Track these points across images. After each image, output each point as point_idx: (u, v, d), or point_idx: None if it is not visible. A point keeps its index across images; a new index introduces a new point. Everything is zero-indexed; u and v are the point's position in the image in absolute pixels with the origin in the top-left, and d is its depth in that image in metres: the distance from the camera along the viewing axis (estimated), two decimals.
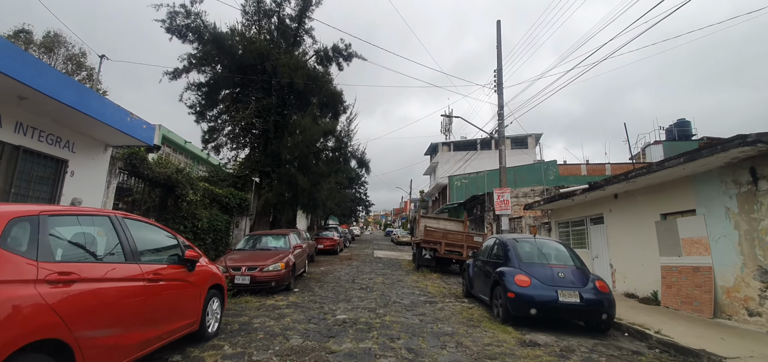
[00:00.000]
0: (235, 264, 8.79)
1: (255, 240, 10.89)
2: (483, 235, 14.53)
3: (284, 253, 9.73)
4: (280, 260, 9.13)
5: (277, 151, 19.58)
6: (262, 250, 10.13)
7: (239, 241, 10.95)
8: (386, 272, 14.41)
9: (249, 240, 10.89)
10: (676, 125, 32.71)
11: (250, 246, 10.50)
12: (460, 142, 42.64)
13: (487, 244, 8.89)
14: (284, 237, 10.86)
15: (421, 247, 14.80)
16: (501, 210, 13.98)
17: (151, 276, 3.77)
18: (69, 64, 35.32)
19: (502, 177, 14.36)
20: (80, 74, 36.60)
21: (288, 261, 9.36)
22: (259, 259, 9.10)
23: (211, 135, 20.42)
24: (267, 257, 9.22)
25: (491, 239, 8.82)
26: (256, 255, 9.46)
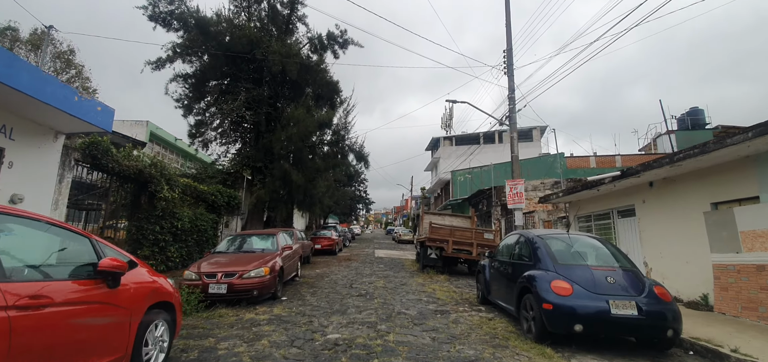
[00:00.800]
0: (210, 270, 7.45)
1: (238, 241, 9.55)
2: (494, 231, 13.21)
3: (270, 256, 8.39)
4: (264, 264, 7.79)
5: (269, 145, 18.24)
6: (245, 253, 8.79)
7: (220, 243, 9.61)
8: (388, 274, 13.08)
9: (231, 241, 9.54)
10: (689, 114, 31.32)
11: (232, 248, 9.16)
12: (462, 135, 41.29)
13: (507, 242, 7.56)
14: (272, 238, 9.52)
15: (426, 246, 13.47)
16: (514, 204, 12.64)
17: (27, 302, 2.42)
18: (57, 62, 33.96)
19: (514, 167, 13.01)
20: (69, 72, 35.28)
21: (274, 265, 8.02)
22: (239, 264, 7.76)
23: (198, 129, 19.06)
24: (249, 261, 7.88)
25: (512, 235, 7.47)
26: (237, 259, 8.12)
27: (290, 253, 9.83)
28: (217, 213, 15.33)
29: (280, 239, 9.55)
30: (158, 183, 10.31)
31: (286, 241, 10.21)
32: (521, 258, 6.42)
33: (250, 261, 7.90)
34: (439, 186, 40.31)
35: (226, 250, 9.02)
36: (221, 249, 9.06)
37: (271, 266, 7.90)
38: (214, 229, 14.46)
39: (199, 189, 13.83)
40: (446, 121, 55.21)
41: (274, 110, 19.81)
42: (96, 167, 8.95)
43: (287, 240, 10.34)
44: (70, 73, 34.45)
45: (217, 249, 9.15)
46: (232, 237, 9.80)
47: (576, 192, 10.85)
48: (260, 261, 7.90)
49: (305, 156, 18.75)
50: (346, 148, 20.31)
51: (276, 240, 9.36)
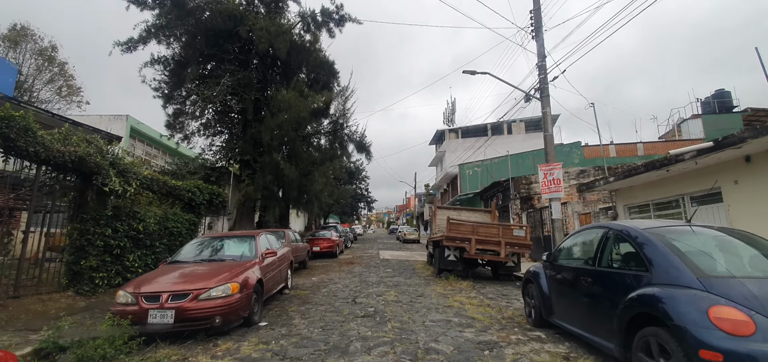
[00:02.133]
0: (153, 289, 5.22)
1: (207, 246, 7.31)
2: (525, 227, 10.97)
3: (243, 266, 6.15)
4: (232, 278, 5.56)
5: (258, 135, 16.01)
6: (212, 262, 6.55)
7: (182, 248, 7.36)
8: (398, 281, 10.85)
9: (198, 246, 7.30)
10: (715, 96, 29.02)
11: (197, 255, 6.92)
12: (468, 127, 39.03)
13: (580, 240, 5.32)
14: (250, 241, 7.29)
15: (443, 246, 11.22)
16: (550, 192, 10.41)
17: None
18: (39, 58, 31.67)
19: (548, 149, 10.77)
20: (52, 70, 32.99)
21: (247, 279, 5.79)
22: (197, 279, 5.52)
23: (176, 119, 16.83)
24: (212, 274, 5.65)
25: (589, 230, 5.22)
26: (197, 272, 5.88)
27: (275, 261, 7.58)
28: (195, 212, 13.10)
29: (260, 242, 7.30)
30: (105, 175, 8.08)
31: (270, 245, 7.96)
32: (618, 262, 4.18)
33: (213, 274, 5.66)
34: (446, 181, 38.05)
35: (188, 259, 6.77)
36: (182, 258, 6.82)
37: (243, 281, 5.66)
38: (192, 232, 12.23)
39: (170, 185, 11.59)
40: (449, 116, 53.02)
41: (263, 96, 17.58)
42: (10, 151, 6.72)
43: (272, 244, 8.10)
44: (52, 71, 32.33)
45: (177, 257, 6.91)
46: (200, 241, 7.55)
47: (635, 175, 8.58)
48: (228, 274, 5.66)
49: (299, 147, 16.53)
50: (345, 138, 18.08)
51: (255, 244, 7.12)
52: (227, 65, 16.13)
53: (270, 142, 15.83)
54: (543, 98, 10.93)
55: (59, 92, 32.36)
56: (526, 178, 18.91)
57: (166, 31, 16.13)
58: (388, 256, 19.49)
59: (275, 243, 8.61)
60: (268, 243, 7.87)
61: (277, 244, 8.81)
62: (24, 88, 29.42)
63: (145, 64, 16.62)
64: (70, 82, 34.56)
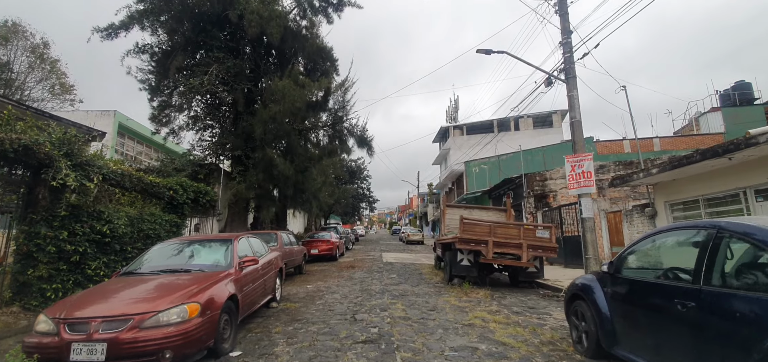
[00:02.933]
0: (81, 314, 3.89)
1: (172, 252, 5.98)
2: (550, 228, 9.60)
3: (210, 280, 4.82)
4: (190, 297, 4.22)
5: (250, 128, 14.71)
6: (173, 273, 5.22)
7: (141, 255, 6.01)
8: (405, 289, 9.49)
9: (161, 252, 5.97)
10: (735, 88, 27.54)
11: (156, 264, 5.57)
12: (474, 124, 37.64)
13: (668, 243, 3.97)
14: (225, 247, 5.95)
15: (456, 250, 9.88)
16: (580, 187, 9.04)
17: None
18: (31, 56, 30.42)
19: (576, 136, 9.39)
20: (44, 68, 31.75)
21: (211, 298, 4.45)
22: (144, 298, 4.20)
23: (162, 111, 15.55)
24: (164, 292, 4.32)
25: (684, 229, 3.90)
26: (147, 290, 4.55)
27: (257, 270, 6.24)
28: (178, 213, 11.79)
29: (239, 248, 5.96)
30: (56, 167, 6.77)
31: (253, 250, 6.62)
32: (751, 284, 2.82)
33: (167, 291, 4.33)
34: (450, 180, 36.66)
35: (146, 269, 5.44)
36: (139, 268, 5.48)
37: (207, 300, 4.33)
38: (174, 235, 10.91)
39: (146, 181, 10.27)
40: (452, 114, 51.71)
41: (255, 87, 16.27)
42: None
43: (255, 249, 6.75)
44: (44, 69, 31.12)
45: (133, 266, 5.57)
46: (165, 246, 6.21)
47: (688, 164, 7.17)
48: (186, 291, 4.33)
49: (295, 141, 15.22)
50: (344, 132, 16.74)
51: (231, 251, 5.78)
52: (216, 53, 14.84)
53: (263, 135, 14.52)
54: (569, 80, 9.56)
55: (52, 90, 31.28)
56: (541, 175, 17.54)
57: (149, 16, 14.86)
58: (391, 259, 18.14)
59: (260, 248, 7.27)
60: (249, 249, 6.53)
61: (263, 249, 7.47)
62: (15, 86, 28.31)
63: (127, 52, 15.36)
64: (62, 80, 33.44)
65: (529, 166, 24.25)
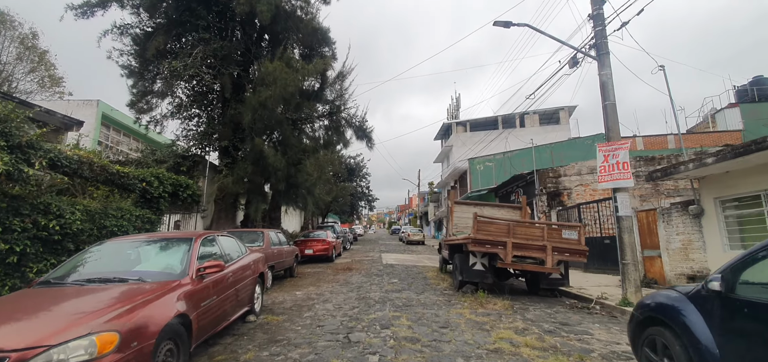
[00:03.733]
0: None
1: (111, 254, 4.65)
2: (578, 228, 8.29)
3: (149, 294, 3.49)
4: (106, 322, 2.89)
5: (239, 117, 13.39)
6: (105, 282, 3.88)
7: (72, 258, 4.66)
8: (409, 297, 8.17)
9: (100, 254, 4.62)
10: (752, 83, 26.25)
11: (87, 270, 4.24)
12: (478, 120, 36.34)
13: None
14: (182, 247, 4.62)
15: (467, 252, 8.56)
16: (614, 180, 7.72)
17: None
18: (20, 46, 29.09)
19: (610, 122, 8.05)
20: (33, 59, 30.51)
21: (142, 323, 3.12)
22: (40, 324, 2.87)
23: (142, 98, 14.21)
24: (73, 313, 3.00)
25: None
26: (55, 309, 3.22)
27: (223, 278, 4.90)
28: (153, 208, 10.47)
29: (198, 250, 4.62)
30: None
31: (222, 253, 5.28)
32: None
33: (78, 312, 3.01)
34: (453, 177, 35.33)
35: (74, 277, 4.10)
36: (65, 275, 4.14)
37: (132, 327, 3.00)
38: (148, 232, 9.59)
39: (112, 171, 8.94)
40: (453, 112, 50.46)
41: (245, 73, 14.93)
42: None
43: (223, 251, 5.40)
44: (33, 61, 29.85)
45: (60, 272, 4.24)
46: (106, 245, 4.85)
47: (757, 151, 5.85)
48: (103, 312, 3.01)
49: (287, 131, 13.87)
50: (342, 123, 15.39)
51: (188, 254, 4.45)
52: (202, 33, 13.51)
53: (252, 124, 13.19)
54: (600, 57, 8.25)
55: (41, 83, 30.05)
56: (554, 171, 16.24)
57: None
58: (392, 260, 16.81)
59: (235, 250, 5.93)
60: (217, 250, 5.20)
61: (240, 251, 6.13)
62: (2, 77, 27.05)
63: (104, 33, 14.02)
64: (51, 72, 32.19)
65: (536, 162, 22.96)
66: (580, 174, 15.76)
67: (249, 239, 9.68)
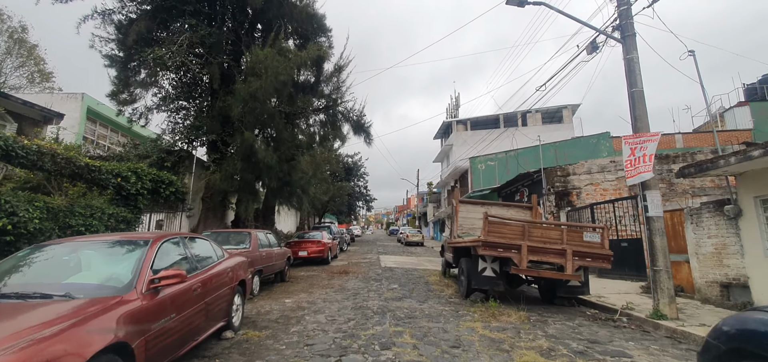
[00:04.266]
0: None
1: (46, 260, 3.73)
2: (600, 229, 7.44)
3: (72, 316, 2.59)
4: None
5: (227, 108, 12.49)
6: (19, 300, 2.96)
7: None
8: (411, 307, 7.28)
9: (29, 260, 3.70)
10: (762, 82, 25.52)
11: (12, 280, 3.32)
12: (478, 118, 35.53)
13: None
14: (134, 253, 3.70)
15: (476, 256, 7.68)
16: (638, 173, 6.88)
17: None
18: (9, 40, 28.17)
19: (638, 110, 7.18)
20: (22, 54, 29.58)
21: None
22: None
23: (125, 87, 13.28)
24: None
25: None
26: None
27: (186, 291, 3.97)
28: (130, 206, 9.56)
29: (150, 257, 3.70)
30: None
31: (187, 258, 4.37)
32: None
33: None
34: (453, 177, 34.47)
35: None
36: None
37: None
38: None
39: (79, 164, 8.03)
40: (452, 111, 49.67)
41: (236, 62, 14.02)
42: None
43: (189, 255, 4.49)
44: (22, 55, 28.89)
45: None
46: (40, 249, 3.92)
47: None
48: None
49: (280, 124, 12.96)
50: (338, 117, 14.50)
51: (141, 263, 3.54)
52: (189, 19, 12.61)
53: (241, 116, 12.29)
54: (625, 38, 7.40)
55: (30, 79, 29.11)
56: (562, 169, 15.38)
57: None
58: (391, 263, 15.92)
59: (208, 254, 5.02)
60: (183, 256, 4.30)
61: (215, 255, 5.22)
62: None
63: (84, 18, 13.09)
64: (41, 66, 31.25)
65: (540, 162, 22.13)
66: (590, 172, 14.92)
67: (234, 241, 8.78)
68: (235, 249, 8.14)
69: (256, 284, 8.59)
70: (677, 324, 6.09)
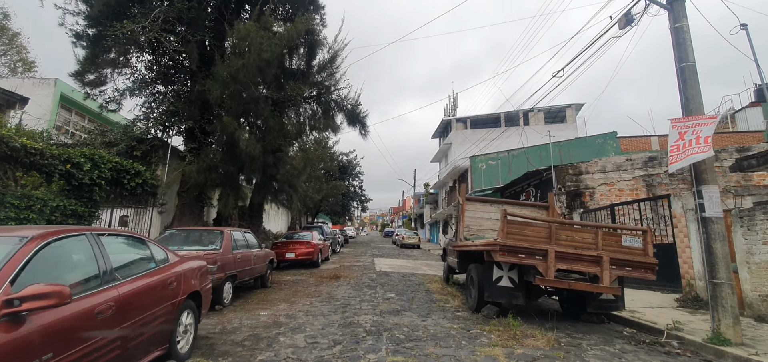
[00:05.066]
0: None
1: None
2: (645, 231, 6.17)
3: None
4: None
5: (207, 93, 11.13)
6: None
7: None
8: (413, 324, 5.97)
9: None
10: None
11: None
12: (479, 117, 34.35)
13: None
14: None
15: (489, 262, 6.40)
16: (689, 154, 5.64)
17: None
18: None
19: (690, 90, 5.94)
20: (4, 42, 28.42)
21: None
22: None
23: (90, 67, 11.86)
24: None
25: None
26: None
27: (76, 317, 2.63)
28: (84, 199, 8.19)
29: (4, 268, 2.34)
30: None
31: (90, 266, 3.02)
32: None
33: None
34: (452, 177, 33.22)
35: None
36: None
37: None
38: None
39: (13, 146, 6.66)
40: (450, 111, 48.59)
41: (218, 43, 12.65)
42: None
43: (96, 263, 3.13)
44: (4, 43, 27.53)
45: None
46: None
47: None
48: None
49: (265, 111, 11.60)
50: (331, 105, 13.16)
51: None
52: None
53: (221, 101, 10.96)
54: (673, 3, 6.17)
55: (13, 68, 27.66)
56: (573, 167, 14.17)
57: None
58: (386, 267, 14.60)
59: (138, 259, 3.69)
60: (89, 261, 2.96)
61: (152, 259, 3.88)
62: None
63: None
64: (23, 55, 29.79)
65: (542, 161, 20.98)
66: (604, 171, 13.71)
67: (200, 240, 7.41)
68: (200, 250, 6.79)
69: (227, 292, 7.25)
70: (747, 352, 4.84)
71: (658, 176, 13.19)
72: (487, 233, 8.89)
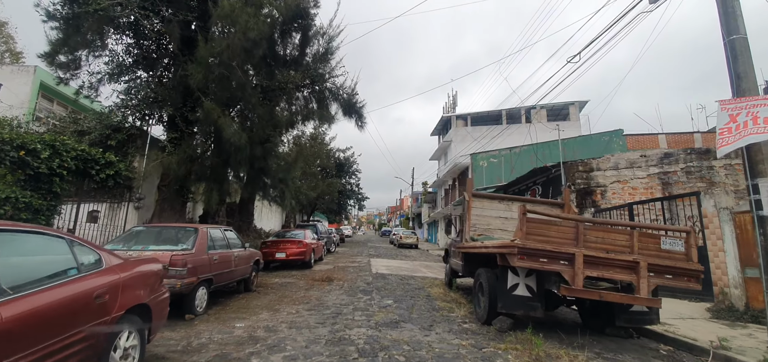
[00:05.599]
0: None
1: None
2: (687, 233, 5.29)
3: None
4: None
5: (189, 77, 10.17)
6: None
7: None
8: (415, 341, 5.05)
9: None
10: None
11: None
12: (479, 114, 33.47)
13: None
14: None
15: (503, 267, 5.49)
16: (742, 137, 4.76)
17: None
18: None
19: (740, 66, 5.05)
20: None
21: None
22: None
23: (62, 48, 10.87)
24: None
25: None
26: None
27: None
28: (43, 191, 7.24)
29: None
30: None
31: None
32: None
33: None
34: (452, 175, 32.31)
35: None
36: None
37: None
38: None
39: None
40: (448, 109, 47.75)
41: (203, 24, 11.69)
42: None
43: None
44: None
45: None
46: None
47: None
48: None
49: (253, 98, 10.65)
50: (326, 93, 12.21)
51: None
52: None
53: (204, 85, 10.00)
54: None
55: (1, 59, 26.80)
56: (584, 164, 13.29)
57: None
58: (383, 269, 13.68)
59: (46, 261, 2.76)
60: None
61: (73, 266, 2.95)
62: None
63: None
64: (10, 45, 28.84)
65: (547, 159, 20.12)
66: (617, 168, 12.84)
67: (166, 239, 6.44)
68: (167, 250, 5.84)
69: (201, 299, 6.30)
70: None
71: (674, 173, 12.34)
72: (495, 233, 7.98)
